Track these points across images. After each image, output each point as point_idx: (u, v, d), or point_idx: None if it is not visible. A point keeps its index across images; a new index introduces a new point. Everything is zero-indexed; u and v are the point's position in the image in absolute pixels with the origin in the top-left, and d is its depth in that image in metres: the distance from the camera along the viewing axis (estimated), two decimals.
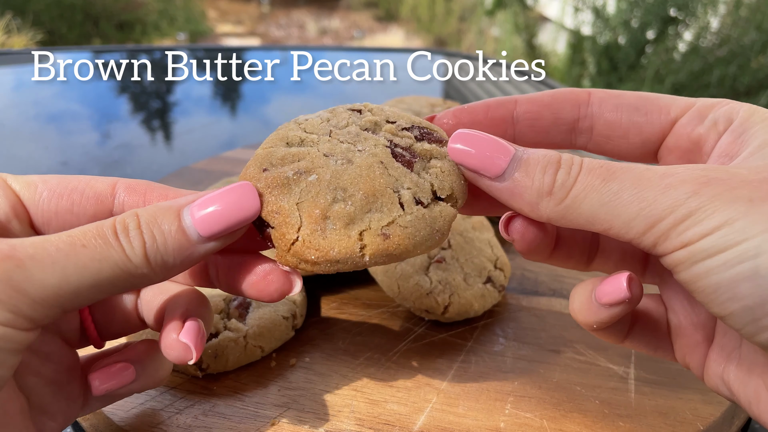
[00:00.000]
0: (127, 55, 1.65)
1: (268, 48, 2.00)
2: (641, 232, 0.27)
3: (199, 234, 0.29)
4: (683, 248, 0.26)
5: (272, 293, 0.32)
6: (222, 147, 1.03)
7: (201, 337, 0.32)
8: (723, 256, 0.25)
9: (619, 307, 0.31)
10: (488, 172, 0.30)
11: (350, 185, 0.30)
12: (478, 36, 5.36)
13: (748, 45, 2.52)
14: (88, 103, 1.27)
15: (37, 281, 0.25)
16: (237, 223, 0.29)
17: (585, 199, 0.28)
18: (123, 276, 0.27)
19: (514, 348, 0.51)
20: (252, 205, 0.29)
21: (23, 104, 1.23)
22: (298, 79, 1.52)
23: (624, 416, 0.43)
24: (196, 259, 0.29)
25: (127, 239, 0.27)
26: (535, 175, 0.30)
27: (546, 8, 4.53)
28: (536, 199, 0.30)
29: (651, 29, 2.80)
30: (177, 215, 0.29)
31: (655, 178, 0.27)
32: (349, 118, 0.35)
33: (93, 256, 0.26)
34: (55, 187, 0.32)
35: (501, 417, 0.43)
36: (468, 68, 1.62)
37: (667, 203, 0.26)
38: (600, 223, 0.28)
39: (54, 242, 0.26)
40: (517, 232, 0.33)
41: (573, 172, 0.29)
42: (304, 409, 0.43)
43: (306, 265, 0.30)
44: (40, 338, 0.33)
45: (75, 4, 4.99)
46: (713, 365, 0.32)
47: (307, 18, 7.56)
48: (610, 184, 0.28)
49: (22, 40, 4.06)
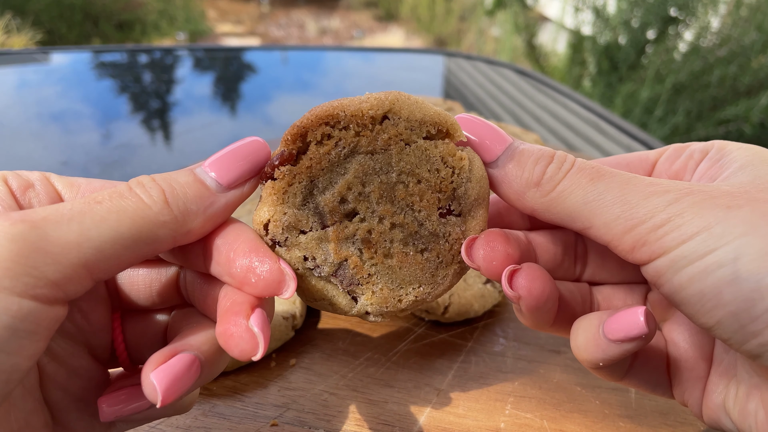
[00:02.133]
0: (126, 55, 1.65)
1: (267, 48, 2.00)
2: (619, 234, 0.28)
3: (216, 181, 0.29)
4: (663, 256, 0.26)
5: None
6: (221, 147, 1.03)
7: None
8: (703, 262, 0.25)
9: (633, 344, 0.29)
10: (483, 156, 0.32)
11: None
12: (478, 36, 5.36)
13: (748, 45, 2.51)
14: (88, 102, 1.27)
15: (55, 239, 0.23)
16: (252, 167, 0.30)
17: (570, 195, 0.29)
18: (145, 226, 0.26)
19: (514, 348, 0.51)
20: (262, 146, 0.30)
21: (23, 104, 1.23)
22: (298, 79, 1.52)
23: (624, 416, 0.43)
24: (220, 210, 0.29)
25: (143, 189, 0.27)
26: (527, 165, 0.31)
27: (546, 8, 4.53)
28: (523, 188, 0.30)
29: (651, 29, 2.80)
30: (190, 171, 0.29)
31: (641, 185, 0.28)
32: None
33: (110, 209, 0.25)
34: (98, 190, 0.32)
35: (501, 417, 0.43)
36: (468, 68, 1.62)
37: (648, 208, 0.27)
38: (581, 220, 0.29)
39: (67, 205, 0.25)
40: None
41: (564, 168, 0.30)
42: (303, 410, 0.43)
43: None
44: (70, 351, 0.31)
45: (74, 3, 4.99)
46: (713, 396, 0.32)
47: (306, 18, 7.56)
48: (596, 184, 0.29)
49: (21, 40, 4.06)
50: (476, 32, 5.44)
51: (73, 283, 0.23)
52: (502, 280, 0.32)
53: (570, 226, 0.30)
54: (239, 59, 1.73)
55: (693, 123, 2.64)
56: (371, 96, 0.30)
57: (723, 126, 2.55)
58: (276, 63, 1.72)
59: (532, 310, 0.32)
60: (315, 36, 6.79)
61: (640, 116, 2.76)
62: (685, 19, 2.74)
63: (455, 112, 0.78)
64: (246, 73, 1.62)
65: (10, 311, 0.21)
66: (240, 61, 1.72)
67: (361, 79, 1.58)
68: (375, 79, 1.58)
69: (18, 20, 4.24)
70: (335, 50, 2.04)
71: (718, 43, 2.66)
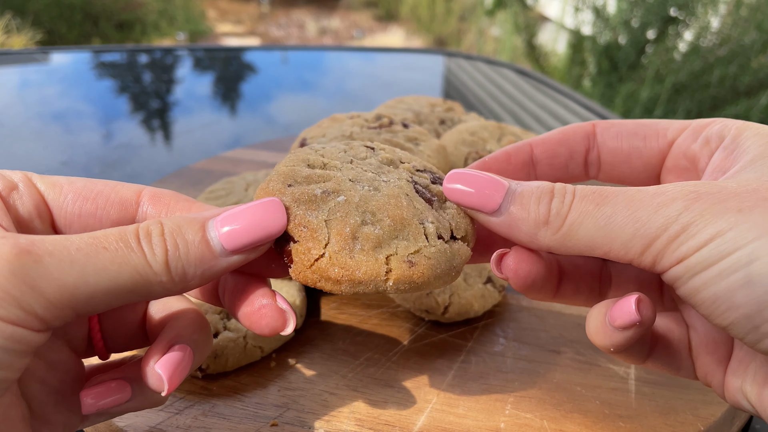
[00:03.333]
0: (126, 55, 1.65)
1: (267, 48, 2.00)
2: (639, 252, 0.28)
3: (223, 246, 0.28)
4: (679, 263, 0.27)
5: (263, 327, 0.31)
6: (222, 147, 1.03)
7: (180, 370, 0.30)
8: (717, 267, 0.25)
9: (631, 330, 0.30)
10: (485, 207, 0.31)
11: (378, 210, 0.31)
12: (478, 36, 5.35)
13: (748, 45, 2.51)
14: (87, 102, 1.27)
15: (54, 279, 0.24)
16: (262, 238, 0.29)
17: (581, 225, 0.29)
18: (141, 283, 0.26)
19: (514, 348, 0.51)
20: (279, 219, 0.29)
21: (23, 104, 1.23)
22: (298, 79, 1.52)
23: (624, 417, 0.43)
24: (217, 273, 0.29)
25: (149, 245, 0.27)
26: (530, 206, 0.30)
27: (546, 8, 4.53)
28: (534, 229, 0.30)
29: (651, 29, 2.80)
30: (201, 226, 0.28)
31: (647, 198, 0.28)
32: (366, 152, 0.37)
33: (113, 259, 0.25)
34: (81, 190, 0.32)
35: (501, 417, 0.43)
36: (468, 68, 1.62)
37: (660, 221, 0.27)
38: (599, 248, 0.29)
39: (75, 242, 0.25)
40: (510, 270, 0.33)
41: (566, 200, 0.30)
42: (303, 410, 0.43)
43: (326, 283, 0.30)
44: (49, 344, 0.32)
45: (74, 3, 4.99)
46: (732, 380, 0.32)
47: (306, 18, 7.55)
48: (603, 208, 0.29)
49: (21, 39, 4.06)
50: (476, 32, 5.44)
51: (58, 320, 0.25)
52: (491, 262, 0.34)
53: (590, 255, 0.30)
54: (239, 59, 1.72)
55: None
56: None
57: None
58: (276, 63, 1.72)
59: (523, 289, 0.34)
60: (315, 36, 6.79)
61: (640, 116, 2.75)
62: (685, 19, 2.74)
63: (455, 112, 0.77)
64: (246, 73, 1.62)
65: (4, 334, 0.23)
66: (240, 61, 1.72)
67: (361, 79, 1.58)
68: (375, 79, 1.58)
69: (18, 20, 4.23)
70: (335, 50, 2.04)
71: (718, 42, 2.66)
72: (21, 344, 0.24)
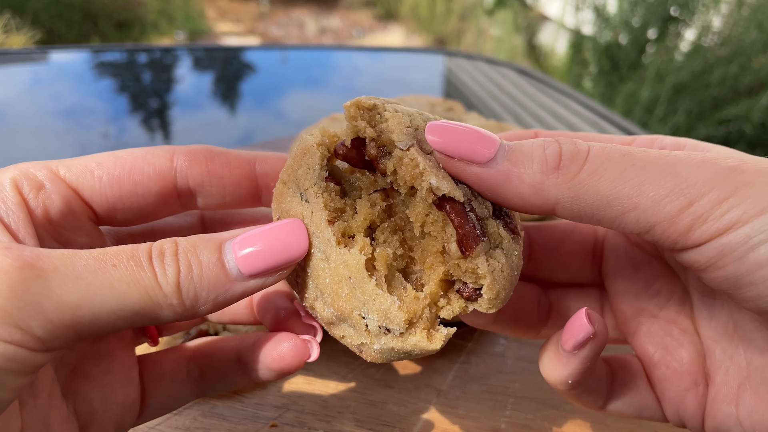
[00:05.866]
0: (126, 54, 1.65)
1: (267, 47, 1.99)
2: (674, 212, 0.23)
3: (239, 270, 0.26)
4: (731, 232, 0.22)
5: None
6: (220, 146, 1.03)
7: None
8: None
9: (587, 348, 0.28)
10: (477, 157, 0.26)
11: (325, 292, 0.28)
12: (478, 35, 5.35)
13: (749, 44, 2.51)
14: (87, 102, 1.27)
15: (56, 297, 0.22)
16: (283, 263, 0.27)
17: (604, 174, 0.24)
18: (149, 305, 0.24)
19: (514, 348, 0.51)
20: (301, 243, 0.27)
21: (22, 104, 1.23)
22: (298, 79, 1.52)
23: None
24: (231, 299, 0.27)
25: (161, 265, 0.25)
26: (533, 152, 0.26)
27: (546, 7, 4.53)
28: (540, 177, 0.25)
29: (652, 28, 2.80)
30: (218, 248, 0.26)
31: (682, 155, 0.24)
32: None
33: (122, 278, 0.23)
34: (113, 170, 0.30)
35: (501, 417, 0.43)
36: (468, 68, 1.62)
37: (706, 179, 0.23)
38: (622, 203, 0.24)
39: (83, 257, 0.23)
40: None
41: (581, 147, 0.25)
42: (303, 411, 0.43)
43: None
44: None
45: (74, 3, 4.99)
46: (722, 406, 0.30)
47: (306, 17, 7.55)
48: (631, 157, 0.24)
49: (20, 39, 4.06)
50: (476, 32, 5.44)
51: (57, 342, 0.23)
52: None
53: (601, 214, 0.25)
54: (239, 58, 1.72)
55: (694, 123, 2.64)
56: None
57: (724, 126, 2.55)
58: (275, 62, 1.71)
59: (466, 319, 0.33)
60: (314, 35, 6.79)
61: (640, 116, 2.75)
62: (686, 18, 2.74)
63: (455, 111, 0.77)
64: (246, 73, 1.62)
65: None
66: (239, 60, 1.71)
67: (361, 78, 1.58)
68: (375, 79, 1.58)
69: (17, 19, 4.23)
70: (335, 50, 2.03)
71: (719, 42, 2.66)
72: (17, 364, 0.22)
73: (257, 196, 0.33)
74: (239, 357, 0.33)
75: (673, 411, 0.32)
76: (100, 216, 0.31)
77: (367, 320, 0.28)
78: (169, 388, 0.33)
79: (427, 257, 0.29)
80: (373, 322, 0.28)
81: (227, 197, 0.33)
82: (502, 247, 0.28)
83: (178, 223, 0.36)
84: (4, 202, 0.27)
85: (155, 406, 0.32)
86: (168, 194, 0.31)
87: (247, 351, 0.32)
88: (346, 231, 0.28)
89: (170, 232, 0.35)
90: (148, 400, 0.32)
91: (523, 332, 0.36)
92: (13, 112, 1.18)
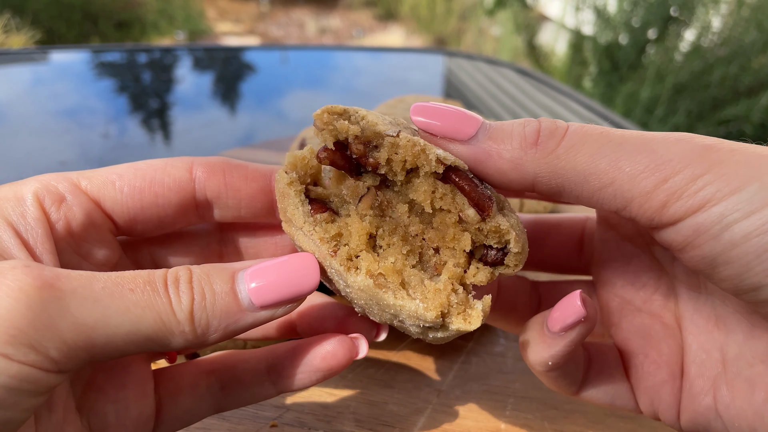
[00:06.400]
0: (126, 54, 1.65)
1: (267, 47, 1.99)
2: (649, 187, 0.24)
3: (251, 300, 0.26)
4: (705, 209, 0.23)
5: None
6: (221, 146, 1.03)
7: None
8: (763, 215, 0.22)
9: (575, 331, 0.29)
10: (458, 134, 0.28)
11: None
12: (478, 35, 5.35)
13: (749, 45, 2.51)
14: (87, 102, 1.27)
15: (72, 318, 0.22)
16: (293, 296, 0.27)
17: (582, 148, 0.25)
18: (162, 331, 0.25)
19: (515, 349, 0.51)
20: (311, 278, 0.27)
21: (22, 104, 1.23)
22: (298, 79, 1.52)
23: (625, 417, 0.43)
24: (241, 329, 0.27)
25: (176, 292, 0.25)
26: (513, 129, 0.27)
27: (546, 8, 4.53)
28: (519, 152, 0.26)
29: (652, 29, 2.80)
30: (231, 277, 0.27)
31: (658, 135, 0.25)
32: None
33: (138, 302, 0.24)
34: (134, 181, 0.30)
35: (502, 418, 0.43)
36: (468, 68, 1.62)
37: (681, 155, 0.23)
38: (598, 177, 0.25)
39: (101, 280, 0.24)
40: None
41: (560, 124, 0.27)
42: (303, 411, 0.43)
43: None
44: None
45: (74, 3, 4.99)
46: (698, 398, 0.30)
47: (306, 17, 7.55)
48: (609, 135, 0.25)
49: (20, 39, 4.06)
50: (476, 32, 5.44)
51: (71, 363, 0.23)
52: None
53: (578, 189, 0.26)
54: (239, 59, 1.72)
55: (694, 123, 2.64)
56: None
57: (724, 126, 2.55)
58: (275, 62, 1.71)
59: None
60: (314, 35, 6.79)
61: (640, 116, 2.75)
62: (686, 18, 2.74)
63: None
64: (246, 73, 1.62)
65: (9, 372, 0.21)
66: (239, 60, 1.71)
67: (361, 78, 1.57)
68: (375, 79, 1.58)
69: (17, 19, 4.23)
70: (335, 50, 2.03)
71: (718, 42, 2.66)
72: (31, 385, 0.22)
73: (272, 210, 0.33)
74: (271, 366, 0.33)
75: (648, 402, 0.32)
76: (120, 227, 0.31)
77: (406, 326, 0.29)
78: (187, 403, 0.32)
79: (445, 233, 0.29)
80: (412, 326, 0.29)
81: (242, 210, 0.33)
82: (507, 207, 0.30)
83: (195, 227, 0.36)
84: (23, 217, 0.27)
85: (171, 421, 0.32)
86: (187, 205, 0.32)
87: (282, 359, 0.33)
88: (350, 253, 0.29)
89: (187, 237, 0.36)
90: (163, 414, 0.32)
91: (516, 324, 0.37)
92: (13, 112, 1.18)
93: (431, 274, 0.30)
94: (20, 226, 0.27)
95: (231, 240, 0.36)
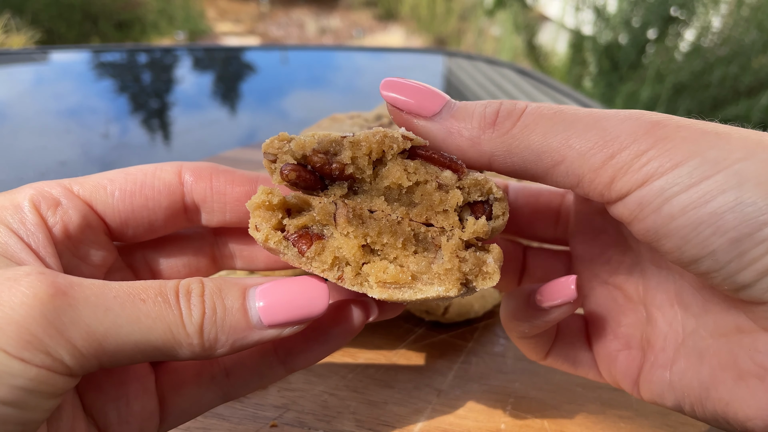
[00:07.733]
0: (126, 54, 1.65)
1: (267, 47, 2.00)
2: (598, 163, 0.25)
3: (260, 318, 0.27)
4: (648, 184, 0.24)
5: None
6: (221, 147, 1.03)
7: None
8: (699, 188, 0.23)
9: (561, 309, 0.31)
10: (423, 111, 0.29)
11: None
12: (478, 35, 5.36)
13: (749, 45, 2.52)
14: (87, 102, 1.27)
15: (84, 326, 0.23)
16: (301, 318, 0.27)
17: (535, 128, 0.26)
18: (171, 342, 0.25)
19: (514, 349, 0.51)
20: (320, 301, 0.28)
21: (22, 104, 1.23)
22: (298, 79, 1.52)
23: (625, 417, 0.43)
24: (247, 345, 0.27)
25: (187, 305, 0.25)
26: (475, 110, 0.29)
27: (546, 7, 4.53)
28: (477, 132, 0.28)
29: (652, 29, 2.81)
30: (242, 294, 0.27)
31: (610, 112, 0.26)
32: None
33: (149, 313, 0.24)
34: (124, 185, 0.31)
35: (502, 418, 0.43)
36: (468, 68, 1.62)
37: (628, 132, 0.24)
38: (551, 155, 0.26)
39: (113, 289, 0.24)
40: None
41: (519, 105, 0.28)
42: (303, 411, 0.43)
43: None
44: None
45: (74, 3, 4.99)
46: (657, 372, 0.31)
47: (306, 17, 7.55)
48: (562, 114, 0.26)
49: (20, 39, 4.06)
50: (476, 32, 5.44)
51: (82, 369, 0.24)
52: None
53: (533, 167, 0.27)
54: (239, 59, 1.72)
55: None
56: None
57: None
58: (275, 62, 1.71)
59: None
60: (315, 35, 6.79)
61: None
62: (686, 18, 2.74)
63: None
64: (246, 73, 1.62)
65: (29, 375, 0.22)
66: (240, 60, 1.71)
67: (361, 78, 1.58)
68: (375, 79, 1.57)
69: (17, 19, 4.23)
70: (335, 50, 2.03)
71: (718, 42, 2.66)
72: (47, 386, 0.22)
73: None
74: (278, 344, 0.33)
75: (606, 369, 0.35)
76: (112, 231, 0.32)
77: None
78: (191, 394, 0.32)
79: (430, 201, 0.30)
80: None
81: (228, 214, 0.33)
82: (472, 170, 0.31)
83: (189, 231, 0.37)
84: (23, 224, 0.28)
85: (177, 413, 0.32)
86: (176, 208, 0.32)
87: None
88: (355, 270, 0.29)
89: (181, 240, 0.36)
90: (168, 408, 0.32)
91: (504, 287, 0.40)
92: (13, 112, 1.18)
93: (434, 251, 0.30)
94: (22, 233, 0.27)
95: (224, 244, 0.37)
